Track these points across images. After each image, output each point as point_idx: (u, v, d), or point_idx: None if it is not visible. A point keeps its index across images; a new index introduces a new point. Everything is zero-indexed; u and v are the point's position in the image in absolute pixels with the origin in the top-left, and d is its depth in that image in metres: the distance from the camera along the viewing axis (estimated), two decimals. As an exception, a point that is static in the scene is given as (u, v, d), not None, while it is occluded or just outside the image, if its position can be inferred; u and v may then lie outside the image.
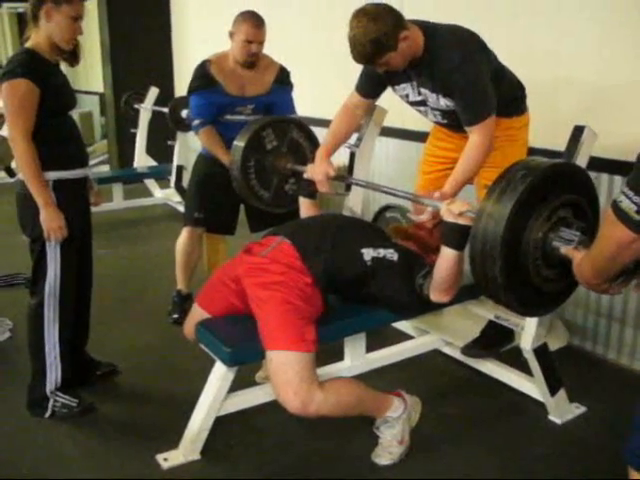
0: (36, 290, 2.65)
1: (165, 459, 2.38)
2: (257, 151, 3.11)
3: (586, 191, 1.94)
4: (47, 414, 2.65)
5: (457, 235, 2.12)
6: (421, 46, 2.47)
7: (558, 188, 1.86)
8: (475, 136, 2.47)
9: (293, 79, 3.61)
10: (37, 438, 2.55)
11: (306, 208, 2.84)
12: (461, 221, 2.09)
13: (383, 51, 2.37)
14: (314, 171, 2.78)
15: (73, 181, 2.62)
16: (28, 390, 2.72)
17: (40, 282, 2.62)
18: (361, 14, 2.34)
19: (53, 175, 2.53)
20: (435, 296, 2.26)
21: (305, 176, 2.83)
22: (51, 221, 2.49)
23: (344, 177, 2.96)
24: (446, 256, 2.17)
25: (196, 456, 2.39)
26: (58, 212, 2.51)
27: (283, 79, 3.56)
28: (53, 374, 2.67)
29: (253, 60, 3.39)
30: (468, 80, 2.43)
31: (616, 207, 1.26)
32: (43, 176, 2.48)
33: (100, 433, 2.59)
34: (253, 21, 3.32)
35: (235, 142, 3.12)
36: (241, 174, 3.08)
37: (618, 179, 2.97)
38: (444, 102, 2.55)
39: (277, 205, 3.25)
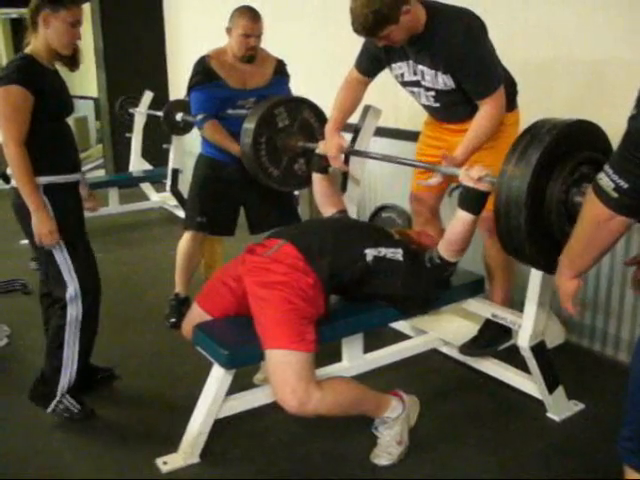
0: (55, 295, 2.64)
1: (164, 463, 2.37)
2: (269, 128, 3.16)
3: (606, 150, 1.95)
4: (48, 410, 2.65)
5: (475, 200, 2.22)
6: (423, 22, 2.47)
7: (581, 144, 1.90)
8: (486, 106, 2.51)
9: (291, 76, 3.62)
10: (36, 443, 2.54)
11: (319, 184, 2.89)
12: (479, 186, 2.18)
13: (384, 23, 2.37)
14: (327, 146, 2.82)
15: (65, 185, 2.61)
16: (38, 382, 2.70)
17: (58, 287, 2.61)
18: None
19: (45, 179, 2.52)
20: (446, 254, 2.36)
21: (317, 151, 2.88)
22: (41, 225, 2.48)
23: (357, 151, 2.98)
24: (462, 219, 2.26)
25: (195, 459, 2.39)
26: (49, 217, 2.50)
27: (281, 71, 3.57)
28: (67, 376, 2.66)
29: (252, 54, 3.39)
30: (474, 54, 2.45)
31: (596, 185, 1.28)
32: (35, 180, 2.47)
33: (99, 437, 2.59)
34: (250, 15, 3.33)
35: (247, 117, 3.16)
36: (252, 150, 3.11)
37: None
38: (442, 79, 2.55)
39: (285, 184, 3.31)
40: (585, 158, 1.89)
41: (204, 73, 3.38)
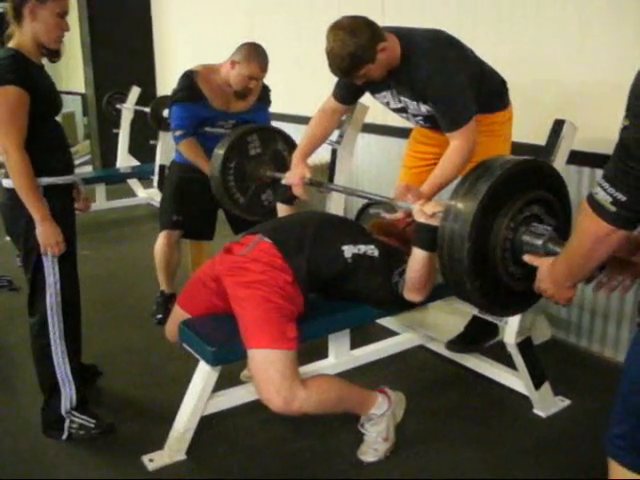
0: (35, 306, 2.49)
1: (151, 460, 2.37)
2: (240, 154, 3.13)
3: (560, 192, 1.94)
4: (64, 436, 2.51)
5: (428, 236, 2.12)
6: (398, 55, 2.44)
7: (534, 182, 1.86)
8: (456, 141, 2.46)
9: (272, 78, 3.60)
10: (20, 443, 2.52)
11: (283, 214, 2.84)
12: (433, 222, 2.08)
13: (361, 64, 2.34)
14: (291, 173, 2.78)
15: (64, 187, 2.50)
16: (42, 411, 2.57)
17: (39, 297, 2.47)
18: (337, 28, 2.31)
19: (45, 181, 2.39)
20: (408, 295, 2.30)
21: (283, 182, 2.83)
22: (49, 236, 2.36)
23: (321, 183, 2.93)
24: (417, 257, 2.19)
25: (182, 456, 2.38)
26: (56, 226, 2.38)
27: (265, 97, 3.61)
28: (67, 393, 2.52)
29: (248, 93, 3.40)
30: (445, 88, 2.42)
31: (592, 199, 1.25)
32: (39, 188, 2.36)
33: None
34: (262, 60, 3.31)
35: (220, 143, 3.13)
36: (220, 174, 3.08)
37: (600, 172, 2.97)
38: (425, 108, 2.54)
39: (251, 212, 3.26)
40: (537, 197, 1.85)
41: (189, 90, 3.37)
